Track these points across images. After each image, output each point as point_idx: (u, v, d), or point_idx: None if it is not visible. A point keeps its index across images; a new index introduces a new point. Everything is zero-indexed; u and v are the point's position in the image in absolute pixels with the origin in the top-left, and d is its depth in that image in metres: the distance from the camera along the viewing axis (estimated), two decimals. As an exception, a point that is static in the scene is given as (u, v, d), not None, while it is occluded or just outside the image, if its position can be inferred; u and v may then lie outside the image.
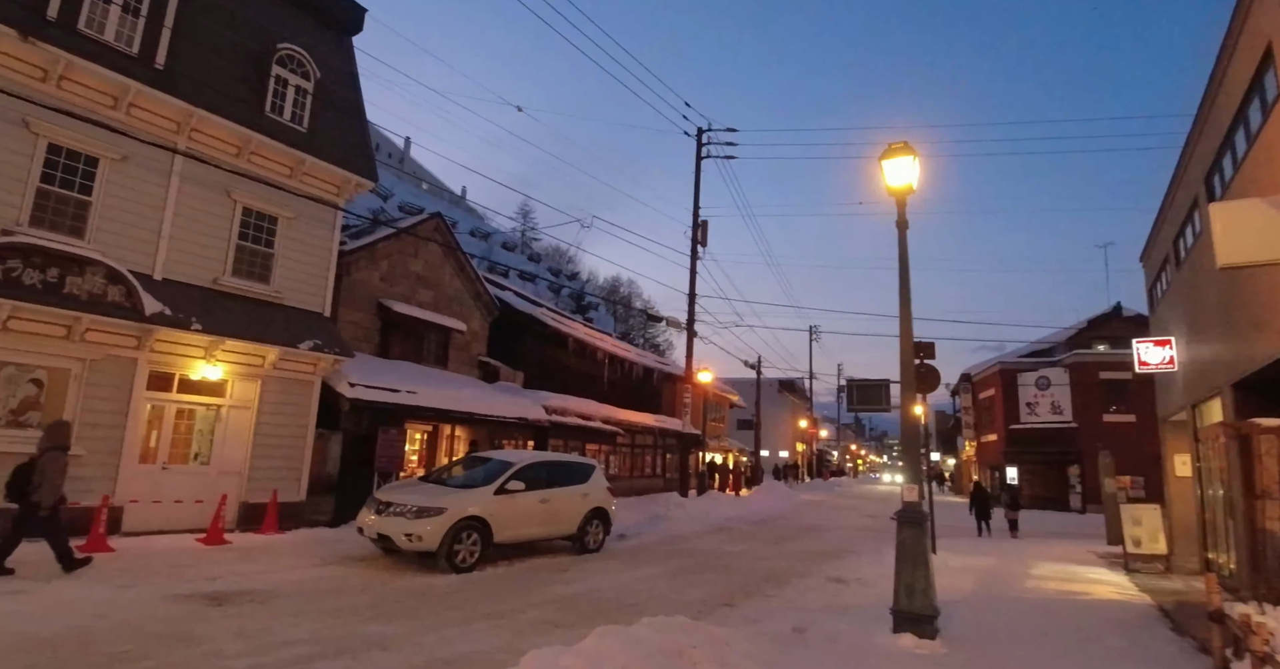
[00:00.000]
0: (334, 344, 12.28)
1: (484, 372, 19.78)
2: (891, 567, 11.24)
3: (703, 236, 21.45)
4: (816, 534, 16.41)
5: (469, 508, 9.36)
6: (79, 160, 9.85)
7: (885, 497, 37.15)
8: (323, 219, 12.75)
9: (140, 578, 7.74)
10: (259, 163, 11.86)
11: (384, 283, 16.86)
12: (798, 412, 58.22)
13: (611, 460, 23.55)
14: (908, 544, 6.17)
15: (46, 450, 7.66)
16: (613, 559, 10.95)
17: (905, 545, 6.19)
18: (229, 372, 11.15)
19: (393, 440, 13.75)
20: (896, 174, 6.79)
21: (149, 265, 10.46)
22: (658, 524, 16.10)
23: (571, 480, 11.18)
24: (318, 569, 8.99)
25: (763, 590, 8.93)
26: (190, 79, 10.87)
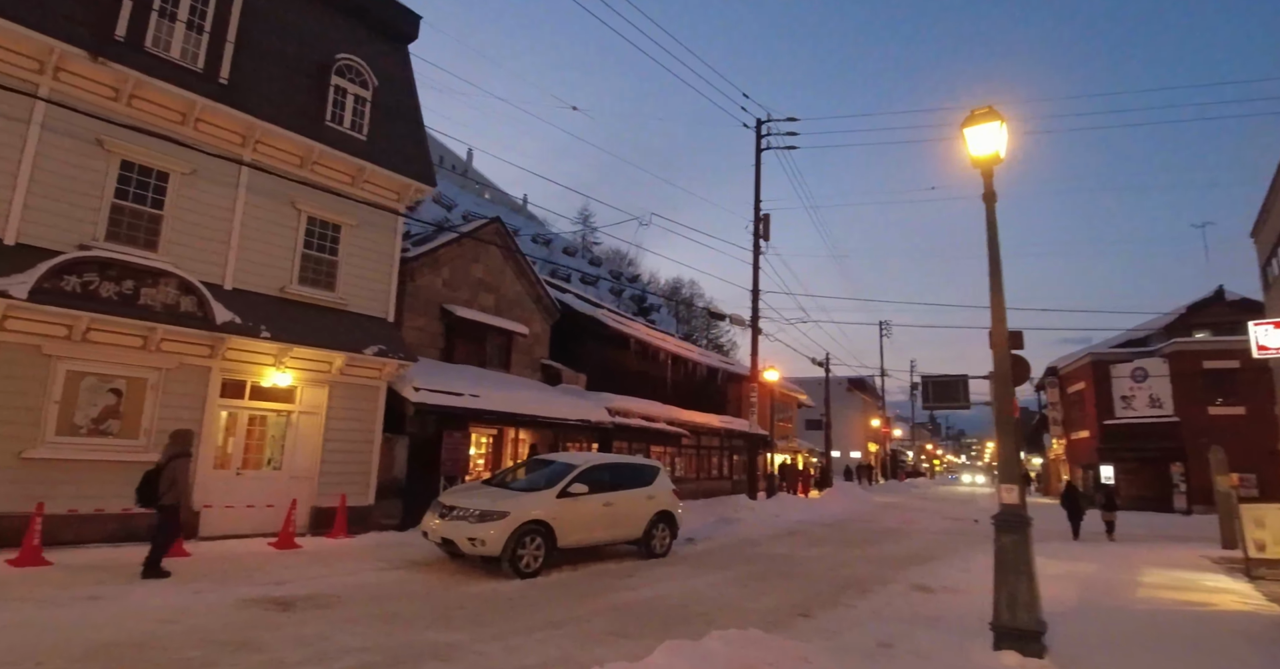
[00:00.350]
0: (398, 349, 12.34)
1: (546, 374, 19.72)
2: (982, 573, 10.52)
3: (765, 231, 20.84)
4: (895, 538, 15.58)
5: (532, 512, 9.15)
6: (150, 176, 10.17)
7: (966, 498, 35.45)
8: (384, 225, 12.87)
9: (213, 582, 7.82)
10: (321, 172, 12.04)
11: (447, 288, 16.98)
12: (869, 410, 56.41)
13: (677, 462, 23.15)
14: (1008, 551, 5.55)
15: (173, 457, 8.04)
16: (680, 564, 10.56)
17: (1005, 553, 5.58)
18: (298, 378, 11.32)
19: (457, 444, 13.75)
20: (981, 142, 6.19)
21: (219, 276, 10.71)
22: (726, 527, 15.61)
23: (636, 483, 10.85)
24: (383, 573, 8.94)
25: (841, 599, 8.37)
26: (253, 92, 11.11)
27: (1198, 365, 27.24)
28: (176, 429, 8.58)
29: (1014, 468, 5.87)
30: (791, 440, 37.79)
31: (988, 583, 9.68)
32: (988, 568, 10.96)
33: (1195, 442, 26.39)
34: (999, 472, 5.98)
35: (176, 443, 8.20)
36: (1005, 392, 6.05)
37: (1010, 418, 6.01)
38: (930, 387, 42.12)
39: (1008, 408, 6.00)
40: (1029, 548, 5.65)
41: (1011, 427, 5.96)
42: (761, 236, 20.79)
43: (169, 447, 8.18)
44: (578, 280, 62.56)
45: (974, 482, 72.70)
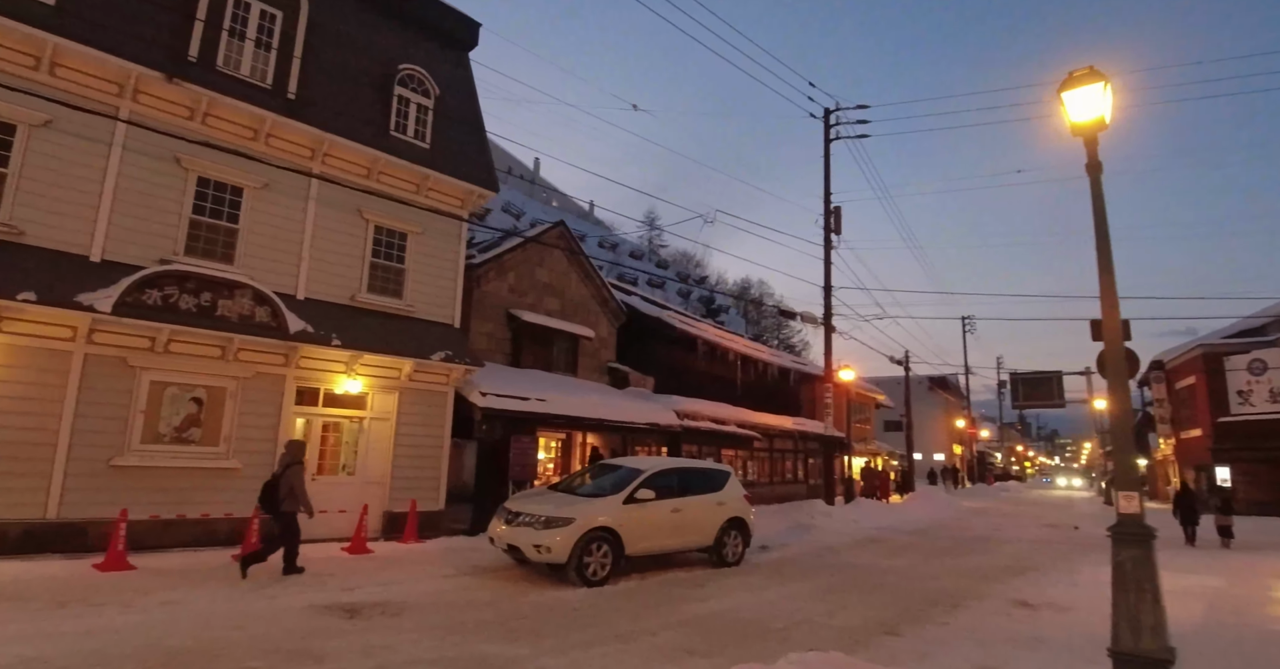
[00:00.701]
0: (464, 354, 12.36)
1: (613, 377, 19.53)
2: (1090, 588, 9.60)
3: (836, 224, 20.03)
4: (987, 547, 14.56)
5: (598, 518, 8.89)
6: (225, 191, 10.49)
7: (1062, 503, 33.27)
8: (449, 232, 12.94)
9: (286, 587, 7.89)
10: (387, 181, 12.20)
11: (512, 293, 17.02)
12: (952, 410, 53.90)
13: (749, 466, 22.55)
14: (1129, 568, 4.87)
15: (289, 465, 8.57)
16: (753, 574, 10.08)
17: (1126, 569, 4.90)
18: (368, 385, 11.46)
19: (525, 449, 13.68)
20: (1082, 106, 5.51)
21: (292, 286, 10.96)
22: (802, 534, 14.95)
23: (705, 488, 10.45)
24: (450, 580, 8.86)
25: (932, 615, 7.72)
26: (320, 106, 11.34)
27: (1327, 357, 24.58)
28: (290, 440, 9.29)
29: (1132, 472, 5.18)
30: (870, 442, 36.40)
31: (1098, 598, 8.83)
32: (1097, 581, 10.08)
33: (1329, 441, 23.86)
34: (1115, 476, 5.29)
35: (290, 453, 8.75)
36: (1120, 385, 5.35)
37: (1127, 415, 5.31)
38: (1020, 384, 39.96)
39: (1123, 404, 5.30)
40: (1153, 564, 4.95)
41: (1129, 425, 5.26)
42: (833, 230, 19.99)
43: (284, 456, 8.78)
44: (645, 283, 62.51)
45: (1070, 484, 68.43)
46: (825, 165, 20.54)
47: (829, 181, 20.36)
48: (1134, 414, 45.87)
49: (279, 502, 8.38)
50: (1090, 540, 16.21)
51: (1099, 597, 9.08)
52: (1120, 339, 5.64)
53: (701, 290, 74.04)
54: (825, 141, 20.74)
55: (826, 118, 20.80)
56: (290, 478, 8.46)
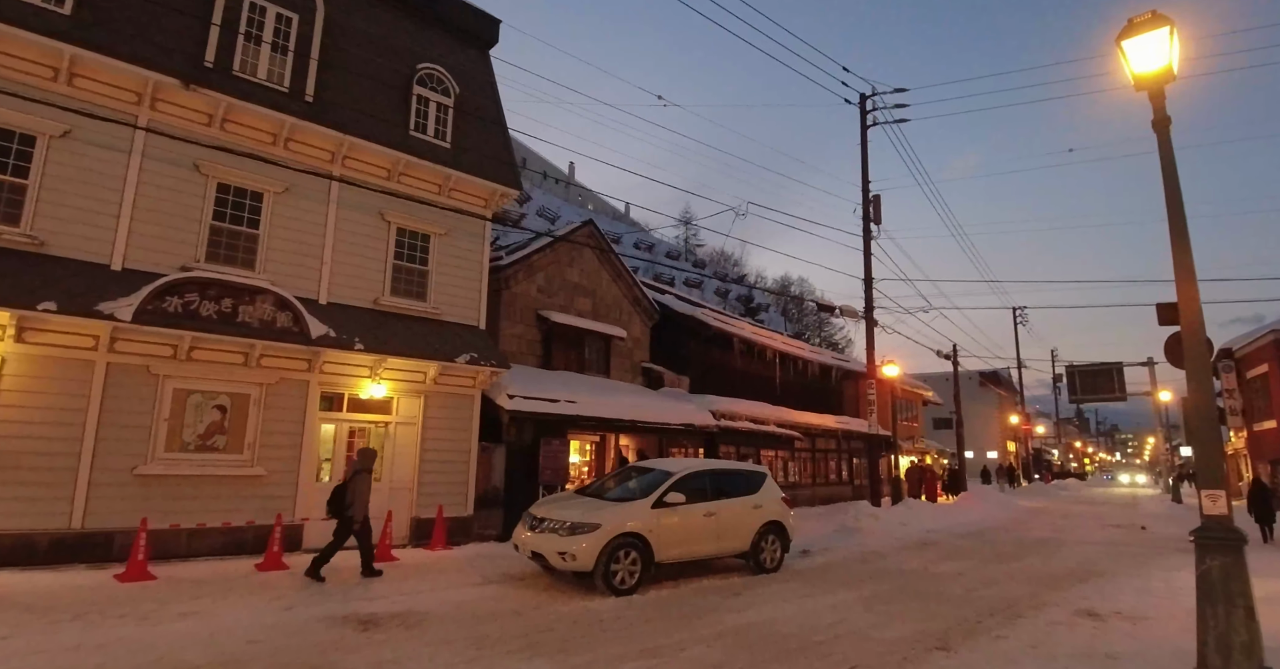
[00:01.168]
0: (490, 356, 12.09)
1: (647, 378, 19.11)
2: (1166, 596, 8.78)
3: (875, 213, 19.26)
4: (1048, 550, 13.68)
5: (626, 524, 8.48)
6: (245, 196, 10.42)
7: (1127, 501, 31.59)
8: (473, 232, 12.71)
9: (307, 597, 7.69)
10: (408, 183, 12.03)
11: (542, 294, 16.75)
12: (1005, 406, 52.03)
13: (790, 467, 21.88)
14: (1217, 577, 4.25)
15: (357, 473, 8.87)
16: (794, 581, 9.53)
17: (1213, 579, 4.27)
18: (393, 389, 11.28)
19: (556, 452, 13.36)
20: (1146, 55, 4.89)
21: (314, 290, 10.84)
22: (847, 538, 14.28)
23: (740, 490, 9.94)
24: (476, 588, 8.55)
25: (988, 627, 7.08)
26: (339, 108, 11.22)
27: None
28: (361, 447, 9.57)
29: (1217, 468, 4.53)
30: (918, 441, 35.22)
31: (1173, 607, 8.05)
32: (1171, 588, 9.25)
33: None
34: (1197, 473, 4.64)
35: (361, 460, 9.05)
36: (1200, 369, 4.71)
37: (1210, 403, 4.66)
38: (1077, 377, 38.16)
39: (1205, 390, 4.66)
40: (1245, 573, 4.31)
41: (1212, 414, 4.61)
42: (872, 219, 19.23)
43: (354, 463, 9.11)
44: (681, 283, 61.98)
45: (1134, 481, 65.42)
46: (863, 152, 19.79)
47: (866, 169, 19.61)
48: (1202, 407, 42.93)
49: (346, 507, 8.66)
50: (1160, 541, 15.15)
51: (1175, 605, 8.32)
52: (1198, 317, 4.99)
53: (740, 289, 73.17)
54: (862, 128, 20.00)
55: (863, 103, 20.05)
56: (358, 484, 8.74)
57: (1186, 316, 4.82)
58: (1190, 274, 5.05)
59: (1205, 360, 4.74)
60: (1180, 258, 5.05)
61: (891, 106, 19.96)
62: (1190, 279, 5.02)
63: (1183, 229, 5.05)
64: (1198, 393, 4.66)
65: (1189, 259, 5.06)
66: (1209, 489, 4.42)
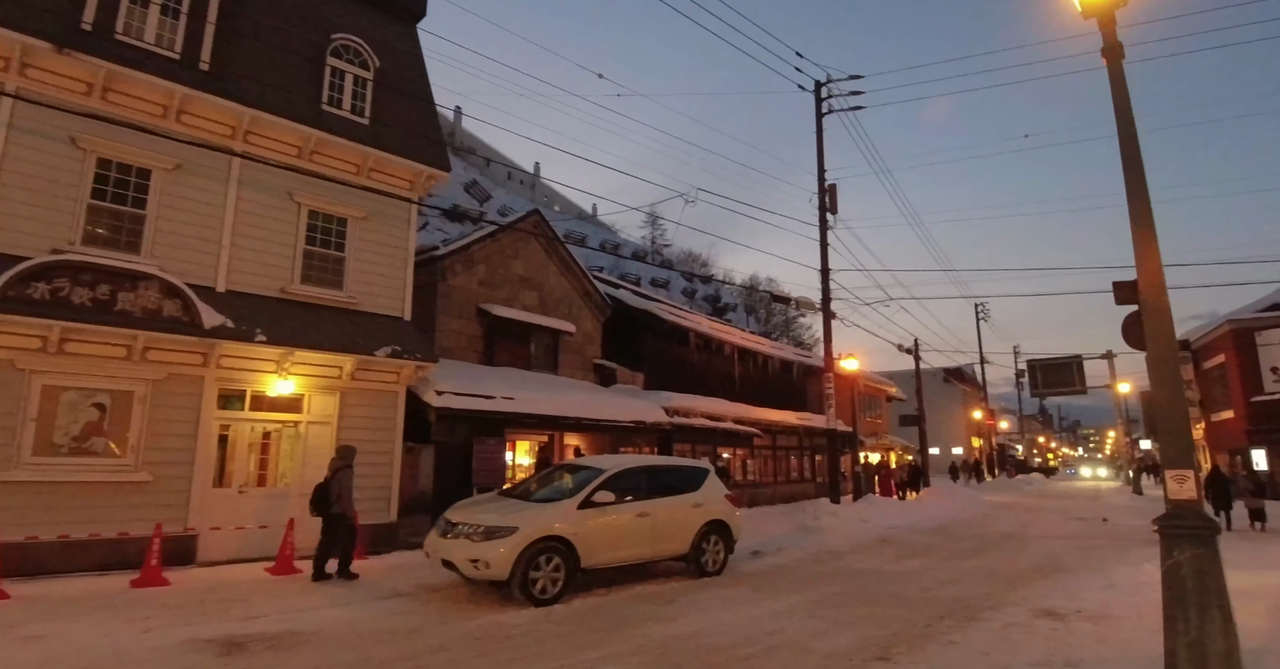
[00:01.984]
0: (416, 349, 11.19)
1: (599, 375, 18.32)
2: (1130, 591, 8.16)
3: (832, 202, 18.71)
4: (1010, 545, 13.17)
5: (547, 527, 7.67)
6: (130, 173, 9.41)
7: (1090, 494, 31.57)
8: (396, 217, 11.80)
9: (175, 618, 6.76)
10: (322, 162, 11.09)
11: (483, 287, 15.87)
12: (969, 402, 52.19)
13: (750, 465, 21.24)
14: (1188, 575, 3.59)
15: (339, 469, 8.72)
16: (739, 585, 8.80)
17: (1183, 576, 3.61)
18: (305, 385, 10.33)
19: (491, 452, 12.50)
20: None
21: (211, 277, 9.85)
22: (804, 536, 13.61)
23: (679, 488, 9.19)
24: (381, 602, 7.67)
25: (940, 631, 6.42)
26: (240, 78, 10.26)
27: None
28: (341, 445, 9.29)
29: (1185, 445, 3.88)
30: (883, 437, 34.91)
31: (1141, 604, 7.42)
32: (1135, 583, 8.63)
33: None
34: (1162, 450, 3.99)
35: (341, 457, 8.89)
36: (1162, 331, 4.07)
37: (1175, 376, 4.03)
38: (1038, 371, 38.28)
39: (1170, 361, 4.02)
40: (1219, 568, 3.66)
41: (1178, 388, 3.97)
42: (828, 209, 18.68)
43: (334, 461, 8.89)
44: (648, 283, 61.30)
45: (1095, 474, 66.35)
46: (818, 140, 19.23)
47: (822, 157, 19.07)
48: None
49: (330, 504, 8.52)
50: (1122, 534, 14.77)
51: (1140, 601, 7.72)
52: (1160, 279, 4.36)
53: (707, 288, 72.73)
54: (818, 116, 19.44)
55: (818, 91, 19.50)
56: (340, 482, 8.59)
57: (1146, 281, 4.18)
58: (1149, 228, 4.42)
59: (1168, 323, 4.11)
60: (1136, 208, 4.41)
61: (847, 94, 19.47)
62: (1149, 233, 4.39)
63: (1139, 177, 4.42)
64: (1160, 359, 4.02)
65: (1147, 208, 4.43)
66: (1175, 469, 3.76)
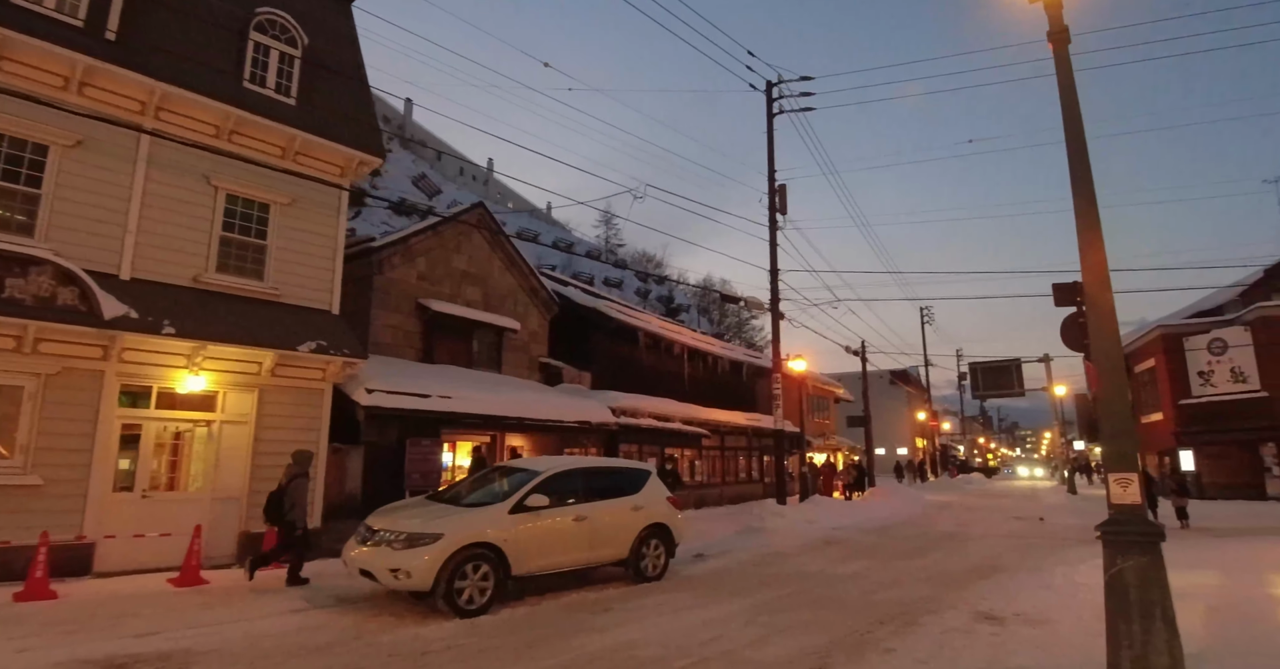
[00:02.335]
0: (343, 345, 10.57)
1: (545, 374, 17.85)
2: (1068, 592, 8.09)
3: (781, 203, 18.64)
4: (951, 544, 13.23)
5: (475, 533, 7.23)
6: (24, 149, 8.60)
7: (1027, 493, 32.48)
8: (324, 204, 11.14)
9: (60, 634, 6.12)
10: (243, 143, 10.38)
11: (423, 281, 15.24)
12: (915, 404, 53.28)
13: (698, 465, 21.05)
14: (1131, 583, 3.40)
15: (295, 477, 8.49)
16: (678, 590, 8.50)
17: (1126, 585, 3.42)
18: (219, 382, 9.63)
19: (426, 453, 11.94)
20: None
21: (114, 264, 9.08)
22: (749, 538, 13.44)
23: (618, 491, 8.85)
24: (294, 616, 7.11)
25: (879, 638, 6.22)
26: (152, 50, 9.49)
27: (1288, 332, 24.02)
28: (297, 450, 8.91)
29: (1130, 446, 3.71)
30: (831, 438, 35.25)
31: (1079, 606, 7.33)
32: (1074, 584, 8.59)
33: (1292, 419, 23.26)
34: (1105, 452, 3.82)
35: (297, 464, 8.62)
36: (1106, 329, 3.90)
37: (1119, 373, 3.86)
38: (980, 373, 39.16)
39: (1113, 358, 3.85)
40: (1163, 577, 3.48)
41: (1121, 386, 3.80)
42: (779, 210, 18.61)
43: (289, 468, 8.62)
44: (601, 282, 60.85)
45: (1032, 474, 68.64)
46: (769, 140, 19.16)
47: (772, 157, 19.00)
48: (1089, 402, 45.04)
49: (285, 513, 8.34)
50: (1059, 532, 15.04)
51: (1077, 603, 7.69)
52: (1105, 274, 4.20)
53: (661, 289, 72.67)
54: (768, 116, 19.37)
55: (769, 91, 19.43)
56: (295, 490, 8.40)
57: (1091, 267, 4.02)
58: (1094, 221, 4.26)
59: (1111, 319, 3.95)
60: (1082, 201, 4.25)
61: (797, 95, 19.45)
62: (1094, 226, 4.23)
63: (1084, 165, 4.25)
64: (1104, 355, 3.85)
65: (1093, 204, 4.27)
66: (1119, 472, 3.58)
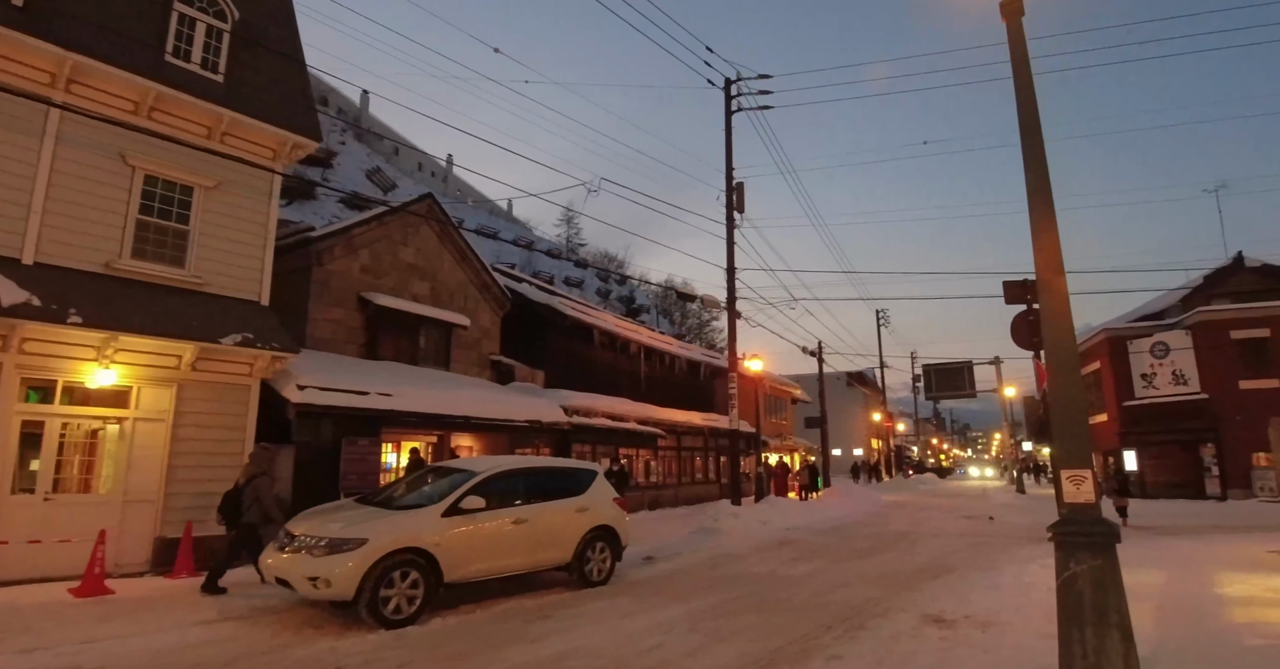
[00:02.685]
0: (272, 338, 9.96)
1: (497, 372, 17.35)
2: (1016, 593, 7.94)
3: (739, 201, 18.47)
4: (903, 544, 13.16)
5: (404, 538, 6.78)
6: (-90, 118, 7.84)
7: (977, 493, 33.05)
8: (255, 188, 10.50)
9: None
10: (165, 121, 9.70)
11: (367, 274, 14.62)
12: (871, 405, 53.94)
13: (654, 466, 20.75)
14: (1085, 588, 3.16)
15: (255, 477, 8.23)
16: (623, 595, 8.15)
17: (1079, 590, 3.19)
18: (133, 376, 8.95)
19: (365, 453, 11.37)
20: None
21: (16, 246, 8.36)
22: (703, 539, 13.17)
23: (562, 492, 8.46)
24: (203, 629, 6.56)
25: (825, 644, 5.96)
26: (64, 19, 8.78)
27: (1225, 336, 24.81)
28: (257, 447, 8.80)
29: (1083, 441, 3.48)
30: (788, 439, 35.35)
31: (1029, 607, 7.18)
32: (1023, 584, 8.43)
33: (1230, 419, 24.03)
34: (1056, 448, 3.59)
35: (255, 463, 8.43)
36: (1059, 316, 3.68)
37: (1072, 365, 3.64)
38: (933, 375, 39.83)
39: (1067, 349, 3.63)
40: (1118, 580, 3.26)
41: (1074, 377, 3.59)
42: (736, 208, 18.43)
43: (248, 467, 8.43)
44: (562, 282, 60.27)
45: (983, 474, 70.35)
46: (727, 137, 18.98)
47: (730, 155, 18.81)
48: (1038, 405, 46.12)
49: (241, 512, 8.05)
50: (1008, 532, 15.14)
51: (1027, 603, 7.56)
52: (1058, 259, 3.99)
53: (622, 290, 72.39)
54: (727, 113, 19.19)
55: (728, 88, 19.26)
56: (255, 489, 8.11)
57: (1044, 250, 3.81)
58: (1048, 204, 4.05)
59: (1064, 307, 3.74)
60: (1035, 182, 4.04)
61: (756, 92, 19.33)
62: (1048, 209, 4.02)
63: (1037, 145, 4.05)
64: (1057, 345, 3.64)
65: (1046, 187, 4.06)
66: (1071, 469, 3.36)
